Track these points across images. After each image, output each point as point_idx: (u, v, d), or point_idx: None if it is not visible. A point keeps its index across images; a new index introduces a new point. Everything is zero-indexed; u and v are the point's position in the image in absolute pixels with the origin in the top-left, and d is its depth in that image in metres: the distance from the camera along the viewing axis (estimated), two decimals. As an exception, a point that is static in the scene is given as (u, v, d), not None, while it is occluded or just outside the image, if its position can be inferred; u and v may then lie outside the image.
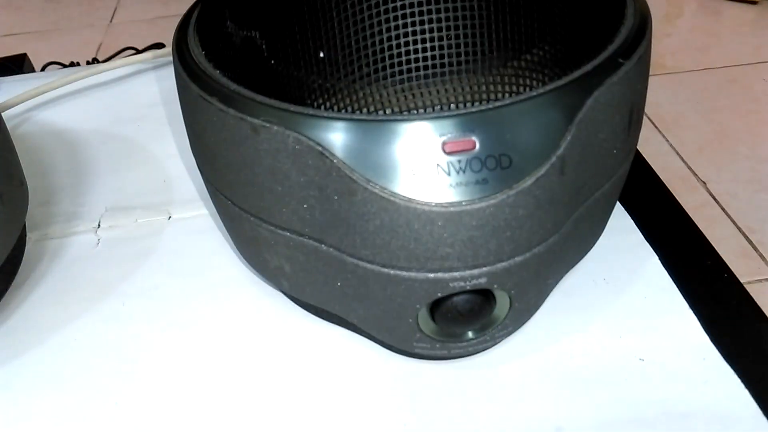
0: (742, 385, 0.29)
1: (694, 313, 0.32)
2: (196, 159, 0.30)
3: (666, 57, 0.97)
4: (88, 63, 0.74)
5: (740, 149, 0.83)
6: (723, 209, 0.74)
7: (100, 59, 0.79)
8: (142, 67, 0.54)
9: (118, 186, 0.43)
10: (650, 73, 0.28)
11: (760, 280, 0.65)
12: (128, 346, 0.33)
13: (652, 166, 0.42)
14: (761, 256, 0.68)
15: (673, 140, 0.83)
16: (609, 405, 0.28)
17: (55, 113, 0.50)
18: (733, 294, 0.34)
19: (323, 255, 0.26)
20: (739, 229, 0.72)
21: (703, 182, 0.78)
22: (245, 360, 0.32)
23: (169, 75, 0.53)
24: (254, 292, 0.35)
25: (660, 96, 0.86)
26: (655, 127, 0.85)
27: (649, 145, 0.40)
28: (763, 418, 0.28)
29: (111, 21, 1.36)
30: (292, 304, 0.34)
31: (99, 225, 0.40)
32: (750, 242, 0.70)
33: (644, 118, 0.30)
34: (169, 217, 0.40)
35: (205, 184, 0.31)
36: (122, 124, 0.48)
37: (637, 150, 0.37)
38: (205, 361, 0.32)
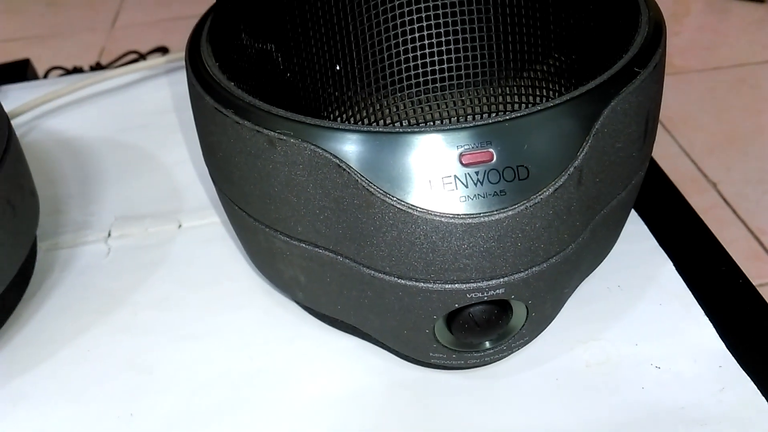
0: (758, 393, 0.29)
1: (710, 319, 0.32)
2: (209, 170, 0.30)
3: (674, 56, 0.96)
4: (91, 68, 0.74)
5: (750, 149, 0.82)
6: (733, 210, 0.74)
7: (102, 63, 0.79)
8: (149, 73, 0.54)
9: (127, 194, 0.42)
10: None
11: (772, 283, 0.65)
12: (141, 357, 0.33)
13: (662, 168, 0.41)
14: (772, 257, 0.67)
15: (682, 141, 0.83)
16: (625, 413, 0.28)
17: (62, 121, 0.50)
18: (748, 300, 0.34)
19: (339, 266, 0.26)
20: (750, 230, 0.72)
21: (713, 183, 0.77)
22: (259, 370, 0.31)
23: (177, 81, 0.53)
24: (268, 301, 0.35)
25: (668, 96, 0.86)
26: (664, 127, 0.85)
27: (659, 147, 0.39)
28: None
29: (113, 25, 1.36)
30: (306, 313, 0.34)
31: (109, 234, 0.40)
32: (761, 244, 0.70)
33: None
34: (180, 226, 0.40)
35: (219, 195, 0.31)
36: (130, 131, 0.48)
37: (651, 158, 0.37)
38: (219, 371, 0.32)
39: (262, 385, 0.31)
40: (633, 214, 0.38)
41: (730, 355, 0.30)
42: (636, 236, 0.36)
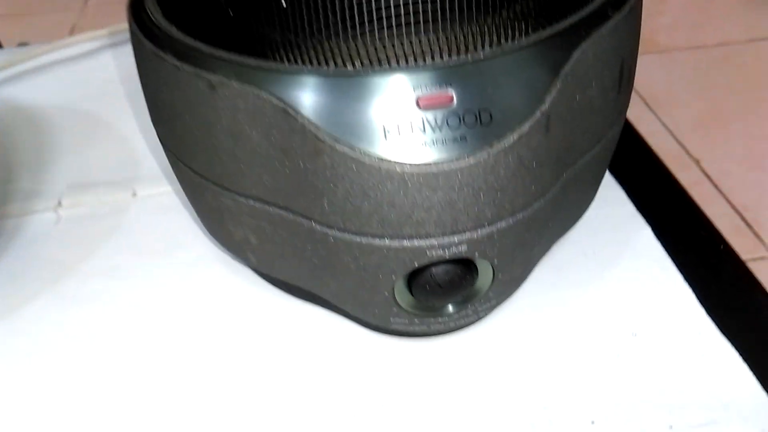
0: (740, 360, 0.28)
1: (689, 285, 0.31)
2: (154, 125, 0.28)
3: (658, 35, 0.95)
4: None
5: (733, 127, 0.82)
6: (716, 187, 0.73)
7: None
8: (109, 41, 0.52)
9: (81, 163, 0.41)
10: (641, 51, 0.27)
11: (754, 259, 0.64)
12: (89, 328, 0.31)
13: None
14: (755, 234, 0.67)
15: (665, 119, 0.82)
16: (599, 382, 0.27)
17: (17, 90, 0.48)
18: (729, 265, 0.33)
19: (290, 224, 0.24)
20: (733, 207, 0.71)
21: (696, 160, 0.77)
22: (213, 342, 0.30)
23: (139, 49, 0.51)
24: (223, 270, 0.33)
25: (652, 74, 0.85)
26: (647, 105, 0.84)
27: (642, 124, 0.38)
28: (764, 393, 0.27)
29: (86, 2, 1.32)
30: (263, 282, 0.32)
31: (60, 203, 0.38)
32: (744, 220, 0.70)
33: (636, 97, 0.29)
34: (135, 195, 0.38)
35: (166, 154, 0.29)
36: (88, 99, 0.46)
37: (628, 121, 0.36)
38: (172, 343, 0.30)
39: (214, 357, 0.29)
40: (609, 178, 0.37)
41: (711, 321, 0.29)
42: (612, 201, 0.35)
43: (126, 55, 0.50)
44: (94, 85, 0.47)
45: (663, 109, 0.83)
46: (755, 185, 0.72)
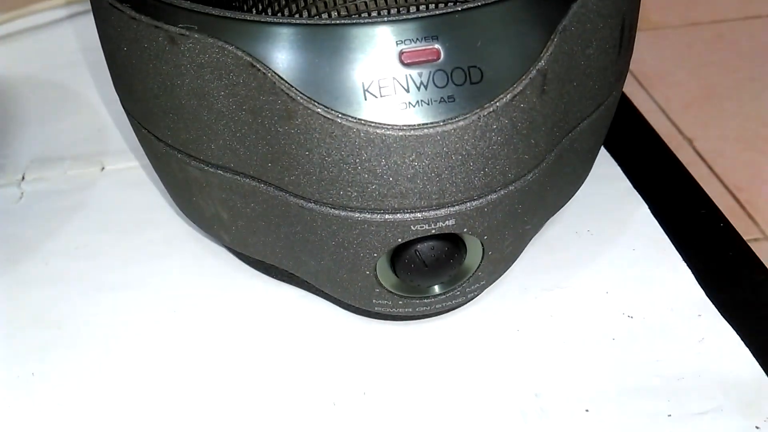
0: (741, 343, 0.27)
1: (688, 265, 0.30)
2: (116, 89, 0.26)
3: (651, 12, 0.94)
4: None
5: (727, 106, 0.81)
6: (710, 167, 0.72)
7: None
8: (74, 10, 0.49)
9: (46, 136, 0.39)
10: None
11: (749, 240, 0.63)
12: (51, 310, 0.29)
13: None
14: (749, 215, 0.66)
15: (658, 97, 0.81)
16: (594, 368, 0.26)
17: (-20, 59, 0.45)
18: (729, 244, 0.31)
19: (262, 196, 0.23)
20: (726, 187, 0.70)
21: (689, 140, 0.76)
22: (185, 325, 0.28)
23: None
24: (196, 249, 0.31)
25: (645, 52, 0.84)
26: (640, 84, 0.83)
27: (634, 102, 0.37)
28: (765, 377, 0.26)
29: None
30: (239, 261, 0.30)
31: (23, 178, 0.36)
32: (738, 201, 0.69)
33: (628, 75, 0.27)
34: (102, 169, 0.36)
35: (129, 120, 0.27)
36: (55, 69, 0.44)
37: (624, 94, 0.34)
38: (138, 327, 0.28)
39: (186, 342, 0.28)
40: (605, 154, 0.35)
41: (711, 303, 0.28)
42: (608, 178, 0.34)
43: (91, 23, 0.48)
44: (60, 56, 0.45)
45: (656, 87, 0.82)
46: (749, 165, 0.71)
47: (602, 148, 0.33)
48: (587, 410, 0.24)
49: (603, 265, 0.30)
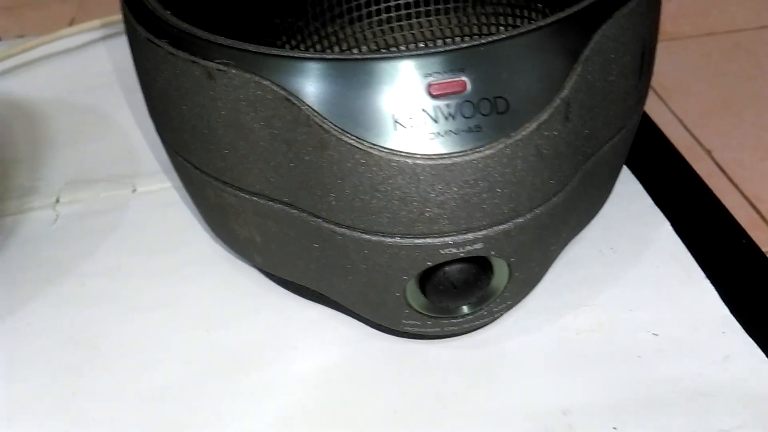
0: (766, 360, 0.27)
1: (711, 282, 0.30)
2: (152, 117, 0.27)
3: (665, 22, 0.93)
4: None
5: (746, 116, 0.80)
6: (729, 178, 0.72)
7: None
8: (107, 32, 0.50)
9: (79, 158, 0.40)
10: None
11: (770, 252, 0.62)
12: (88, 330, 0.30)
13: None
14: (770, 226, 0.65)
15: (675, 108, 0.80)
16: (620, 385, 0.26)
17: (12, 83, 0.47)
18: (752, 261, 0.31)
19: (296, 222, 0.23)
20: (746, 198, 0.70)
21: (708, 150, 0.75)
22: (217, 345, 0.29)
23: (138, 42, 0.49)
24: (227, 269, 0.32)
25: (661, 63, 0.83)
26: (657, 94, 0.82)
27: (651, 114, 0.37)
28: None
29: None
30: (269, 281, 0.31)
31: (58, 200, 0.37)
32: (758, 212, 0.68)
33: None
34: (134, 190, 0.37)
35: (164, 147, 0.28)
36: (84, 92, 0.45)
37: (644, 112, 0.34)
38: (172, 347, 0.29)
39: (220, 362, 0.28)
40: (626, 172, 0.35)
41: (735, 320, 0.28)
42: (630, 195, 0.34)
43: (124, 47, 0.49)
44: (92, 78, 0.46)
45: (673, 98, 0.81)
46: (769, 176, 0.71)
47: (624, 166, 0.33)
48: (615, 428, 0.25)
49: (627, 282, 0.30)
